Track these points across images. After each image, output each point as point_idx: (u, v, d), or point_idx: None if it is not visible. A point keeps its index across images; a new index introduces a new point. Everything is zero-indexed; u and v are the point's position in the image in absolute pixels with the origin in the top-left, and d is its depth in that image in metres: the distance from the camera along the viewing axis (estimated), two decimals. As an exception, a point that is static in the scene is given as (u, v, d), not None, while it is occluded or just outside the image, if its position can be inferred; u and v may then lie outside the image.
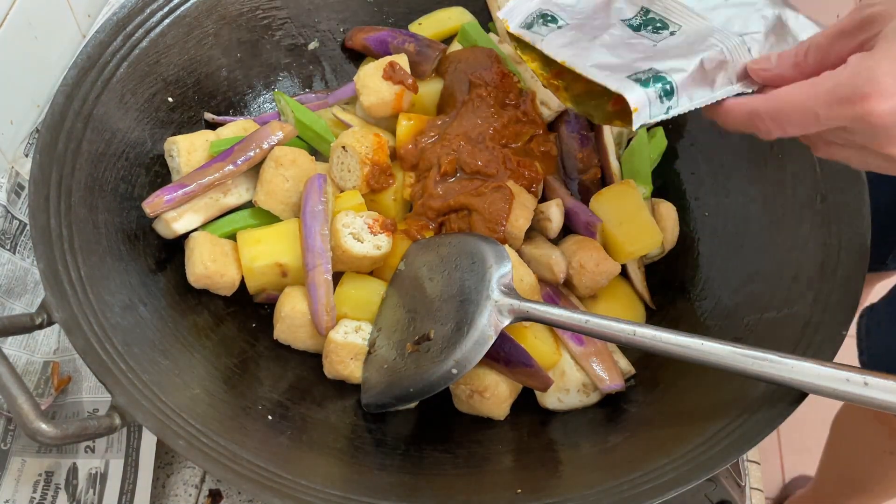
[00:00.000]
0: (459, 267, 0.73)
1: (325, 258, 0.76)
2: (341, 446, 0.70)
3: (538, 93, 0.90)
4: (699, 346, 0.62)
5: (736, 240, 0.82)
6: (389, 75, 0.86)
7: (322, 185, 0.79)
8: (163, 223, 0.79)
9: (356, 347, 0.76)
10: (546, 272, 0.80)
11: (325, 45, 0.99)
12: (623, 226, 0.82)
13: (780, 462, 1.84)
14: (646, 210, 0.83)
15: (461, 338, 0.67)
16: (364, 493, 0.62)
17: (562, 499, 0.61)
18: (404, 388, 0.69)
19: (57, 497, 0.77)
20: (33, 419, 0.57)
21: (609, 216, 0.83)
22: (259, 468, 0.61)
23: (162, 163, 0.84)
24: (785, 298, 0.72)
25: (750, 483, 0.83)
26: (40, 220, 0.68)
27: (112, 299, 0.68)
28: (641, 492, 0.60)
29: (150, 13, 0.83)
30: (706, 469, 0.60)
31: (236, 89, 0.93)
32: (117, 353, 0.64)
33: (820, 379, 0.60)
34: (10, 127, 0.93)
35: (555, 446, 0.74)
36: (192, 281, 0.77)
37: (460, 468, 0.70)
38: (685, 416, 0.68)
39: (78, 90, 0.76)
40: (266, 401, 0.72)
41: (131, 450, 0.78)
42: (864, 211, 0.73)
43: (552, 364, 0.77)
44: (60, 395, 0.82)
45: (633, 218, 0.82)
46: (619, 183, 0.86)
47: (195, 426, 0.62)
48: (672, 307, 0.84)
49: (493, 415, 0.76)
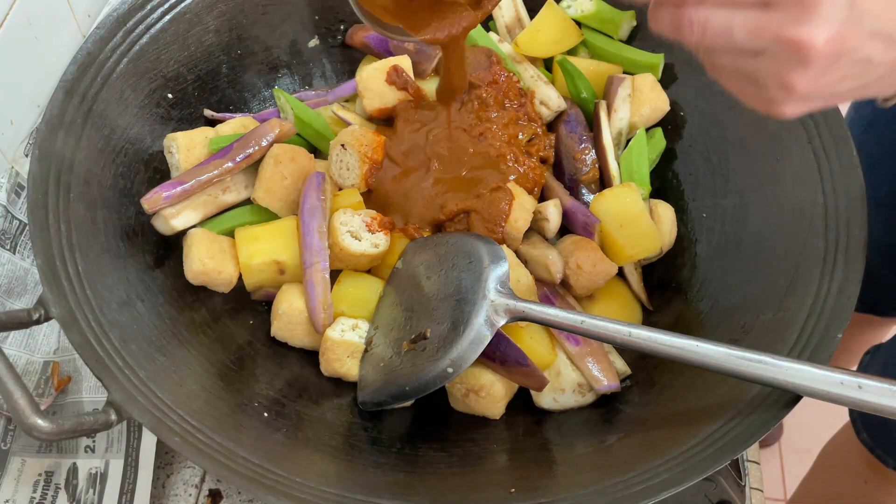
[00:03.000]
0: (457, 266, 0.73)
1: (322, 256, 0.76)
2: (337, 444, 0.71)
3: (537, 93, 0.90)
4: (694, 348, 0.62)
5: (733, 241, 0.82)
6: (393, 80, 0.86)
7: (321, 183, 0.79)
8: (161, 220, 0.79)
9: (353, 345, 0.76)
10: (543, 272, 0.80)
11: (325, 43, 0.99)
12: (624, 228, 0.82)
13: (780, 462, 1.84)
14: (647, 214, 0.83)
15: (457, 337, 0.67)
16: (359, 490, 0.62)
17: (556, 498, 0.61)
18: (400, 386, 0.70)
19: (57, 497, 0.77)
20: (29, 415, 0.57)
21: (610, 218, 0.83)
22: (254, 465, 0.61)
23: (161, 159, 0.84)
24: (781, 301, 0.72)
25: (750, 483, 0.83)
26: (39, 215, 0.69)
27: (109, 295, 0.69)
28: (635, 492, 0.60)
29: (151, 9, 0.84)
30: (700, 470, 0.60)
31: (236, 86, 0.94)
32: (114, 349, 0.64)
33: (814, 382, 0.60)
34: (10, 127, 0.94)
35: (549, 446, 0.74)
36: (189, 278, 0.78)
37: (455, 467, 0.70)
38: (680, 417, 0.68)
39: (77, 86, 0.76)
40: (262, 398, 0.72)
41: (131, 449, 0.79)
42: (861, 214, 0.73)
43: (548, 364, 0.77)
44: (60, 394, 0.82)
45: (634, 221, 0.82)
46: (620, 185, 0.86)
47: (191, 423, 0.62)
48: (669, 308, 0.84)
49: (488, 414, 0.76)
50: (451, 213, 0.81)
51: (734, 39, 0.49)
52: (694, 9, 0.50)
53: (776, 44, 0.48)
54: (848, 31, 0.47)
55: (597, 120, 0.89)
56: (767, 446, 1.85)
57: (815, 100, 0.51)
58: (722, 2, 0.49)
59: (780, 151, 0.80)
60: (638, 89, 0.89)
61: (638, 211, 0.82)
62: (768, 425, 0.62)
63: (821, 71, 0.49)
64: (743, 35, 0.49)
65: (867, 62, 0.50)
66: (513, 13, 0.98)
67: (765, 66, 0.50)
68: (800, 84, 0.49)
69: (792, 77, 0.49)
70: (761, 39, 0.48)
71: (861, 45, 0.48)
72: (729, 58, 0.51)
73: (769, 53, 0.49)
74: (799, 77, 0.49)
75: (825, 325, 0.67)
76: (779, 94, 0.51)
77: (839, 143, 0.77)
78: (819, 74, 0.49)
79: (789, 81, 0.49)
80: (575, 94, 0.92)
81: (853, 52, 0.48)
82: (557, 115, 0.91)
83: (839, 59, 0.48)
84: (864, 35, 0.48)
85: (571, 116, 0.90)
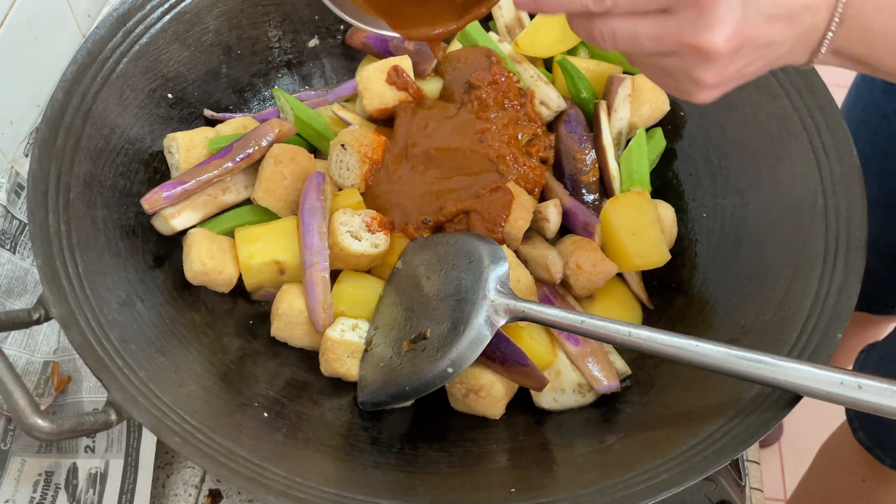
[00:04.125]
0: (457, 266, 0.73)
1: (322, 256, 0.76)
2: (336, 444, 0.71)
3: (537, 93, 0.90)
4: (694, 348, 0.62)
5: (733, 241, 0.82)
6: (393, 80, 0.86)
7: (321, 183, 0.79)
8: (161, 220, 0.79)
9: (353, 345, 0.76)
10: (543, 272, 0.80)
11: (325, 43, 0.99)
12: (635, 237, 0.81)
13: (780, 462, 1.84)
14: (657, 225, 0.82)
15: (457, 337, 0.67)
16: (359, 490, 0.62)
17: (556, 498, 0.61)
18: (400, 386, 0.69)
19: (57, 497, 0.77)
20: (29, 414, 0.57)
21: (622, 224, 0.82)
22: (254, 465, 0.61)
23: (161, 159, 0.84)
24: (781, 301, 0.72)
25: (750, 483, 0.83)
26: (39, 215, 0.69)
27: (109, 295, 0.69)
28: (635, 492, 0.60)
29: (151, 9, 0.84)
30: (700, 470, 0.60)
31: (236, 86, 0.94)
32: (114, 349, 0.64)
33: (814, 382, 0.60)
34: (10, 127, 0.94)
35: (549, 446, 0.74)
36: (189, 277, 0.78)
37: (455, 467, 0.70)
38: (680, 417, 0.68)
39: (77, 86, 0.76)
40: (262, 398, 0.72)
41: (131, 449, 0.79)
42: (862, 215, 0.73)
43: (548, 364, 0.77)
44: (60, 395, 0.82)
45: (645, 231, 0.81)
46: (633, 192, 0.85)
47: (191, 423, 0.62)
48: (669, 308, 0.84)
49: (488, 414, 0.76)
50: (451, 214, 0.81)
51: (642, 47, 0.53)
52: (601, 21, 0.53)
53: (679, 47, 0.52)
54: (745, 24, 0.50)
55: (597, 120, 0.89)
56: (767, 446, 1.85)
57: (727, 84, 0.55)
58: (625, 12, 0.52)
59: (780, 151, 0.81)
60: (638, 89, 0.89)
61: (650, 221, 0.82)
62: (768, 425, 0.62)
63: (725, 64, 0.52)
64: (649, 43, 0.52)
65: (770, 45, 0.53)
66: (513, 13, 0.98)
67: (674, 65, 0.54)
68: (707, 77, 0.53)
69: (698, 73, 0.53)
70: (665, 44, 0.52)
71: (760, 32, 0.52)
72: (643, 58, 0.56)
73: (675, 54, 0.53)
74: (705, 72, 0.53)
75: (825, 325, 0.68)
76: (691, 87, 0.55)
77: (839, 143, 0.77)
78: (724, 67, 0.53)
79: (697, 77, 0.53)
80: (575, 94, 0.92)
81: (753, 40, 0.52)
82: (557, 115, 0.91)
83: (740, 50, 0.52)
84: (762, 23, 0.51)
85: (571, 116, 0.90)
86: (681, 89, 0.57)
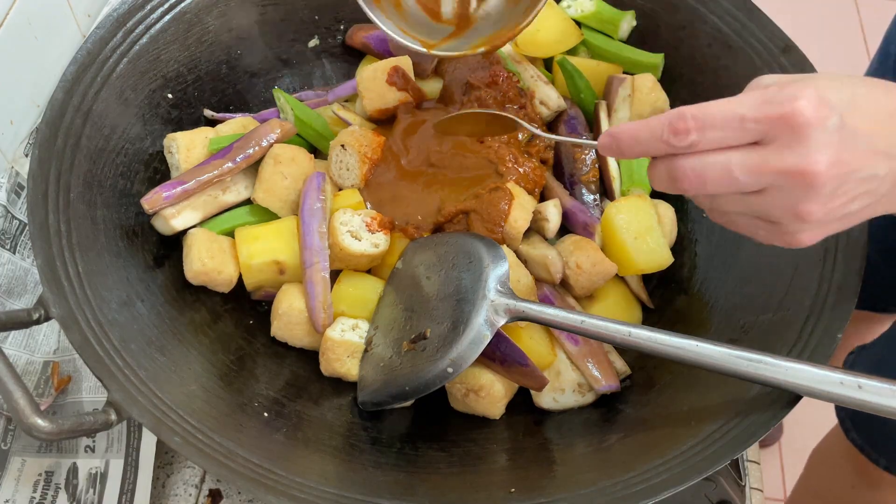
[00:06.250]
0: (457, 266, 0.73)
1: (322, 256, 0.76)
2: (337, 444, 0.71)
3: (537, 93, 0.90)
4: (694, 348, 0.62)
5: (733, 241, 0.81)
6: (393, 80, 0.86)
7: (321, 184, 0.79)
8: (161, 220, 0.79)
9: (353, 345, 0.76)
10: (543, 272, 0.80)
11: (325, 43, 0.99)
12: (638, 241, 0.81)
13: (780, 462, 1.84)
14: (660, 229, 0.82)
15: (457, 337, 0.67)
16: (359, 490, 0.62)
17: (556, 498, 0.61)
18: (400, 386, 0.69)
19: (57, 497, 0.77)
20: (29, 414, 0.57)
21: (626, 227, 0.81)
22: (254, 465, 0.61)
23: (161, 159, 0.84)
24: (781, 301, 0.72)
25: (750, 483, 0.83)
26: (38, 215, 0.69)
27: (109, 295, 0.69)
28: (635, 492, 0.60)
29: (151, 9, 0.84)
30: (700, 470, 0.60)
31: (236, 86, 0.94)
32: (114, 349, 0.64)
33: (814, 382, 0.60)
34: (10, 127, 0.94)
35: (549, 446, 0.74)
36: (189, 277, 0.78)
37: (455, 467, 0.70)
38: (680, 418, 0.68)
39: (77, 86, 0.76)
40: (262, 398, 0.73)
41: (131, 449, 0.79)
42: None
43: (548, 364, 0.77)
44: (60, 395, 0.82)
45: (648, 235, 0.81)
46: (634, 195, 0.85)
47: (191, 423, 0.62)
48: (669, 307, 0.84)
49: (488, 414, 0.76)
50: (451, 215, 0.81)
51: (736, 181, 0.49)
52: (687, 159, 0.50)
53: (781, 177, 0.48)
54: (847, 151, 0.48)
55: (597, 120, 0.89)
56: (767, 446, 1.85)
57: (831, 223, 0.52)
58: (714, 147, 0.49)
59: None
60: (638, 89, 0.89)
61: (652, 224, 0.82)
62: (768, 425, 0.62)
63: (831, 194, 0.49)
64: (744, 175, 0.49)
65: (873, 178, 0.50)
66: (513, 13, 0.98)
67: (773, 202, 0.50)
68: (813, 210, 0.49)
69: (804, 206, 0.49)
70: (764, 176, 0.48)
71: (861, 162, 0.49)
72: (733, 200, 0.51)
73: (775, 188, 0.49)
74: (811, 204, 0.49)
75: (825, 325, 0.68)
76: (794, 225, 0.51)
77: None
78: (830, 197, 0.49)
79: (803, 210, 0.49)
80: (575, 94, 0.92)
81: (858, 171, 0.49)
82: (557, 115, 0.91)
83: (847, 179, 0.48)
84: (863, 153, 0.49)
85: (571, 116, 0.90)
86: (782, 231, 0.52)
